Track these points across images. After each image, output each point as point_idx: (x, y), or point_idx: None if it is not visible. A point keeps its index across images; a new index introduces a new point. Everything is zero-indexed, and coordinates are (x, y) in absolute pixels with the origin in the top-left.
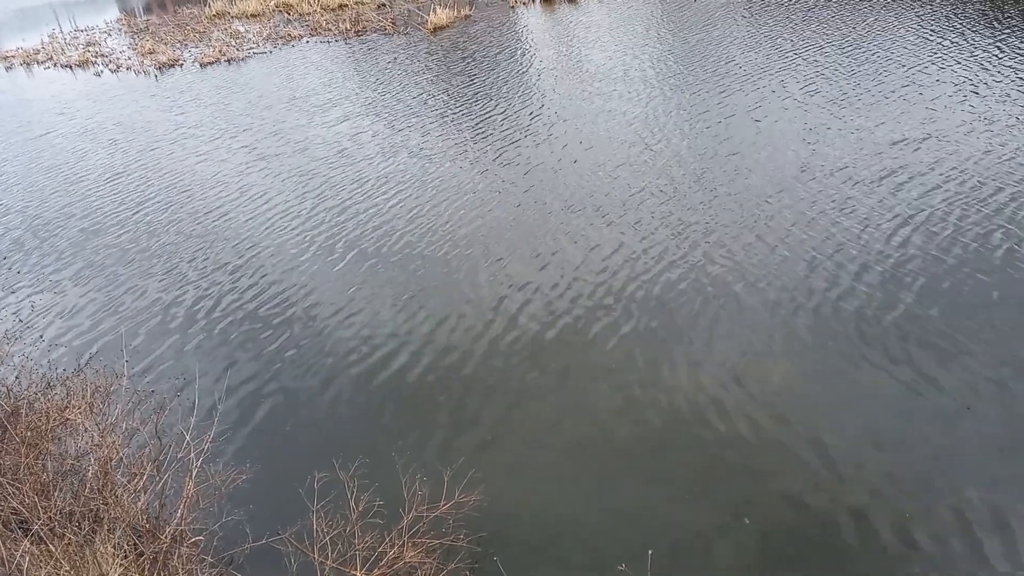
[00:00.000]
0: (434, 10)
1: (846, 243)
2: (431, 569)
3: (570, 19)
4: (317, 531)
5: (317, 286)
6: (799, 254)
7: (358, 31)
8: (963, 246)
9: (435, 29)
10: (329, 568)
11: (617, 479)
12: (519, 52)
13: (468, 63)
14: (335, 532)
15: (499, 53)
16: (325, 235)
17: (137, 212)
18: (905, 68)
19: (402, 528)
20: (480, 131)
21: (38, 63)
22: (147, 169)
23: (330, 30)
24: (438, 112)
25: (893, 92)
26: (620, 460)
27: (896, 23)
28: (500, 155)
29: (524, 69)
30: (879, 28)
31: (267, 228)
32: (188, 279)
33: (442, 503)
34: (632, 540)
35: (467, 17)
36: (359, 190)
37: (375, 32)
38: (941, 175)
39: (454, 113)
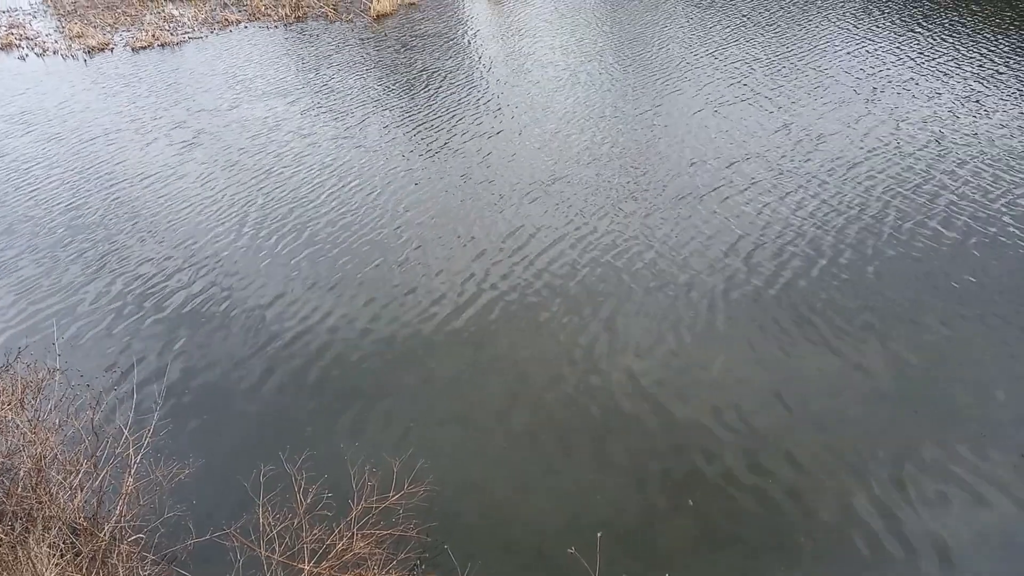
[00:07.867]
0: None
1: (784, 231)
2: (381, 559)
3: (516, 9)
4: (264, 525)
5: (256, 276)
6: (738, 241)
7: (299, 17)
8: (891, 231)
9: (378, 17)
10: (276, 562)
11: (564, 465)
12: (462, 41)
13: (409, 52)
14: (282, 526)
15: (442, 42)
16: (260, 225)
17: (66, 202)
18: (839, 57)
19: (351, 520)
20: (416, 120)
21: None
22: (76, 157)
23: (269, 15)
24: (376, 101)
25: (829, 78)
26: (567, 447)
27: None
28: (436, 144)
29: (465, 59)
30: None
31: (200, 218)
32: (122, 270)
33: (392, 494)
34: (581, 524)
35: (412, 5)
36: (295, 179)
37: (316, 19)
38: (872, 163)
39: (392, 102)
